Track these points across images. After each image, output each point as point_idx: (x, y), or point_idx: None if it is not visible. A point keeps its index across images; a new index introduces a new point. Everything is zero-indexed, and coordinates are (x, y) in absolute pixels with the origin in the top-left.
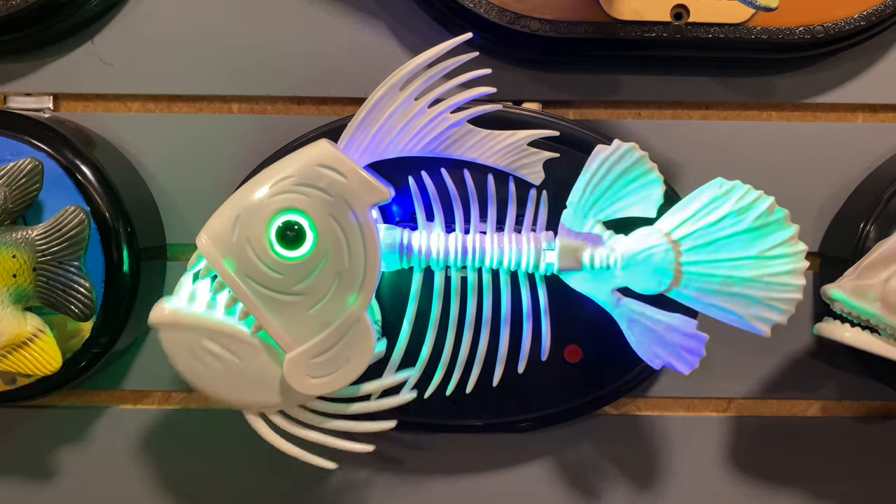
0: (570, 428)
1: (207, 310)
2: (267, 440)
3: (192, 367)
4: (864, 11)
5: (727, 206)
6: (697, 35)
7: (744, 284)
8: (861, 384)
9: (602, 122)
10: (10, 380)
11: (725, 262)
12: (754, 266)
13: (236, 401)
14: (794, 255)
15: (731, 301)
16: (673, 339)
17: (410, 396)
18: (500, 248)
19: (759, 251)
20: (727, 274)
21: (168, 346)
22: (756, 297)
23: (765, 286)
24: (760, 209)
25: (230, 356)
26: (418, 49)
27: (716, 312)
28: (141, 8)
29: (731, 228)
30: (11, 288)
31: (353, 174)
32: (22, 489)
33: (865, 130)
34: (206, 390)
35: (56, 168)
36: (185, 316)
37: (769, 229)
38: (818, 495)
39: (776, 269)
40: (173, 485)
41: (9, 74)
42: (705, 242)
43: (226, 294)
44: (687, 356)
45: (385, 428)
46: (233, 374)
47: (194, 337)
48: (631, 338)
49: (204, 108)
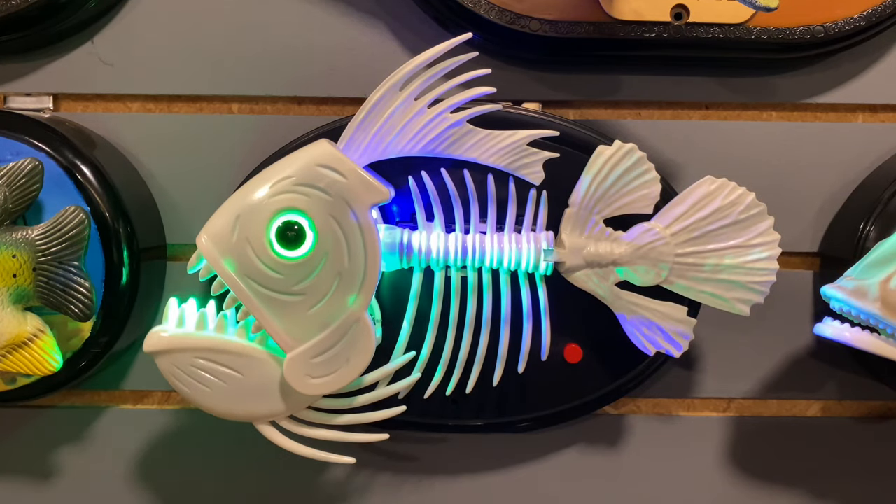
0: (570, 428)
1: (198, 330)
2: (283, 447)
3: (194, 389)
4: (864, 11)
5: (716, 202)
6: (697, 35)
7: (729, 271)
8: (861, 384)
9: (602, 122)
10: (10, 380)
11: (714, 252)
12: (738, 254)
13: (244, 414)
14: (771, 243)
15: (718, 287)
16: (666, 326)
17: (415, 377)
18: (500, 248)
19: (743, 241)
20: (715, 262)
21: (166, 371)
22: (739, 282)
23: (746, 272)
24: (744, 204)
25: (230, 372)
26: (418, 49)
27: (705, 298)
28: (141, 8)
29: (719, 222)
30: (11, 288)
31: (353, 174)
32: (22, 489)
33: (865, 130)
34: (212, 409)
35: (56, 168)
36: (179, 339)
37: (750, 221)
38: (818, 495)
39: (756, 255)
40: (173, 485)
41: (9, 74)
42: (697, 235)
43: (213, 311)
44: (678, 339)
45: (395, 413)
46: (236, 389)
47: (191, 358)
48: (628, 328)
49: (204, 108)
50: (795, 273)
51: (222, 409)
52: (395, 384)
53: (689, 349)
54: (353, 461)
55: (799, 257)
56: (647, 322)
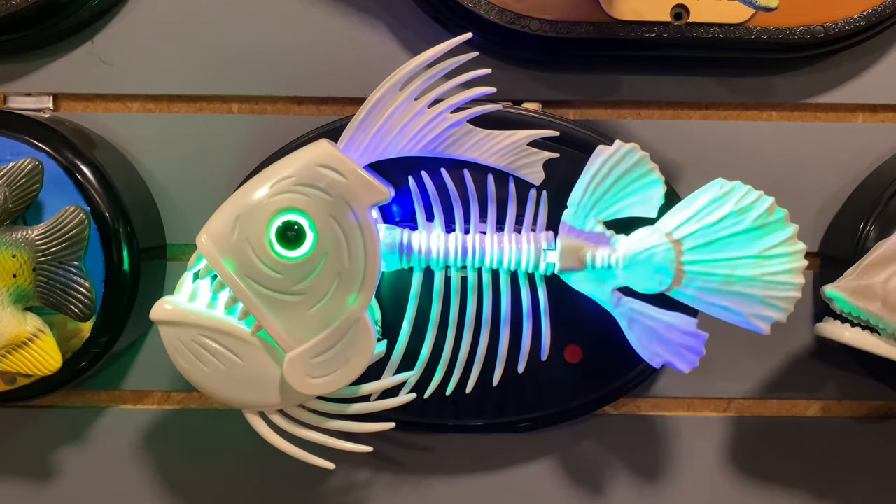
0: (570, 428)
1: (208, 308)
2: (266, 439)
3: (192, 365)
4: (864, 11)
5: (728, 207)
6: (697, 35)
7: (744, 283)
8: (861, 384)
9: (602, 122)
10: (10, 380)
11: (726, 261)
12: (754, 265)
13: (236, 399)
14: (794, 254)
15: (732, 300)
16: (673, 338)
17: (410, 397)
18: (500, 248)
19: (760, 250)
20: (728, 273)
21: (169, 342)
22: (756, 296)
23: (765, 285)
24: (761, 209)
25: (230, 355)
26: (418, 49)
27: (716, 311)
28: (141, 8)
29: (732, 228)
30: (11, 288)
31: (353, 174)
32: (22, 489)
33: (865, 130)
34: (205, 388)
35: (56, 168)
36: (187, 313)
37: (769, 229)
38: (818, 495)
39: (776, 268)
40: (173, 485)
41: (9, 74)
42: (706, 242)
43: (226, 293)
44: (687, 354)
45: (385, 428)
46: (233, 373)
47: (195, 334)
48: (631, 337)
49: (204, 108)
50: None
51: (216, 391)
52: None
53: None
54: (332, 466)
55: None
56: (651, 331)
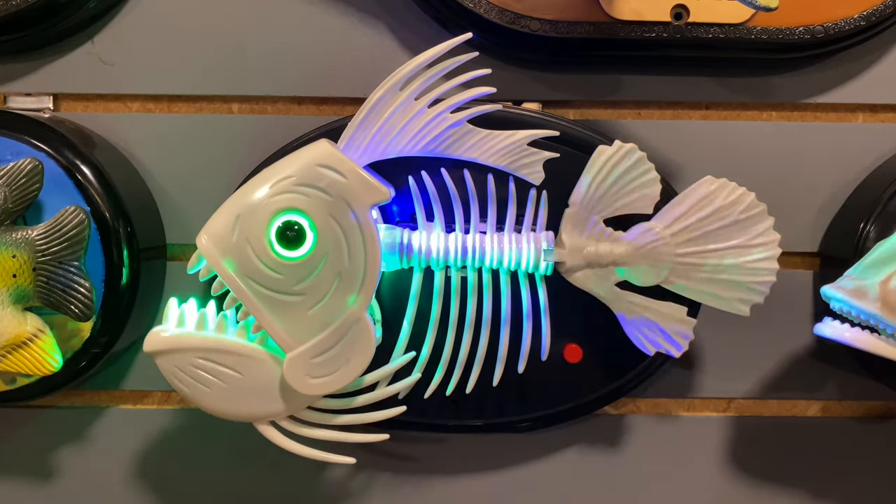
0: (570, 428)
1: (198, 330)
2: (282, 447)
3: (194, 389)
4: (864, 11)
5: (716, 202)
6: (697, 35)
7: (730, 271)
8: (861, 384)
9: (602, 122)
10: (10, 380)
11: (714, 252)
12: (738, 254)
13: (244, 414)
14: (771, 243)
15: (719, 286)
16: (665, 326)
17: (415, 378)
18: (500, 248)
19: (743, 241)
20: (716, 262)
21: (167, 371)
22: (739, 282)
23: (747, 271)
24: (744, 204)
25: (230, 371)
26: (418, 49)
27: (705, 298)
28: (141, 8)
29: (720, 222)
30: (11, 288)
31: (353, 174)
32: (22, 489)
33: (865, 130)
34: (211, 408)
35: (56, 168)
36: (180, 338)
37: (750, 221)
38: (818, 495)
39: (756, 255)
40: (173, 485)
41: (9, 74)
42: (697, 235)
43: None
44: (678, 339)
45: (395, 414)
46: (236, 389)
47: (191, 358)
48: (627, 328)
49: (204, 108)
50: (795, 273)
51: (222, 410)
52: (395, 384)
53: (689, 349)
54: (354, 461)
55: (799, 257)
56: (648, 322)
